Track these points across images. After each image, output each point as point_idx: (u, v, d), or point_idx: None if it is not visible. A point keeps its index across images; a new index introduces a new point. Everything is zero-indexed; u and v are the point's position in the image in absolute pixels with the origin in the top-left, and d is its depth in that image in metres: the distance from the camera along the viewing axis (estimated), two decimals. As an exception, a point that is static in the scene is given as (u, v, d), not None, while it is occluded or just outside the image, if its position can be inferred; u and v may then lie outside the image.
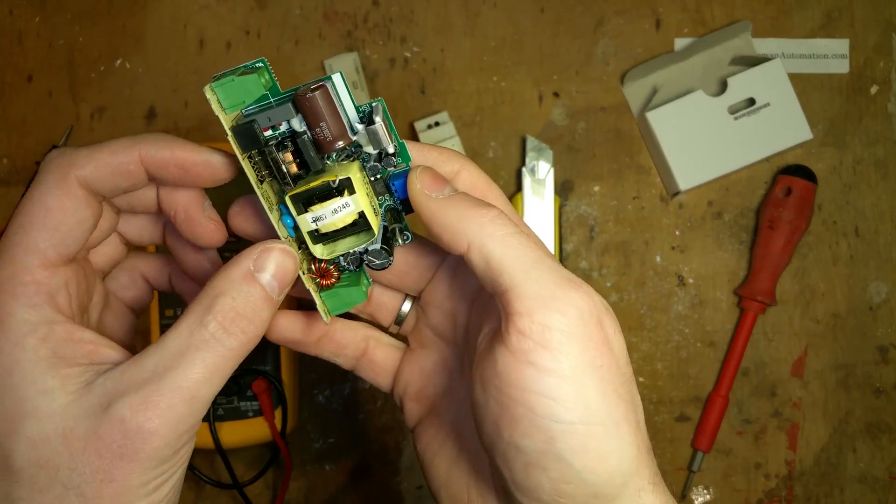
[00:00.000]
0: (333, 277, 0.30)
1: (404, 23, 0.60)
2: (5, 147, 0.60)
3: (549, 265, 0.27)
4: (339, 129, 0.28)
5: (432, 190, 0.28)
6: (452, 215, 0.27)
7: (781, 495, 0.58)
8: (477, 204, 0.28)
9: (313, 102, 0.27)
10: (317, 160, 0.28)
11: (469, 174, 0.31)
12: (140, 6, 0.60)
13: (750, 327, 0.57)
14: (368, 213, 0.28)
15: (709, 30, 0.60)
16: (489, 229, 0.27)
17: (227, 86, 0.27)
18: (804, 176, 0.57)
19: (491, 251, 0.26)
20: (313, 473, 0.59)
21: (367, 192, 0.29)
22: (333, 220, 0.27)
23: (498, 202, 0.31)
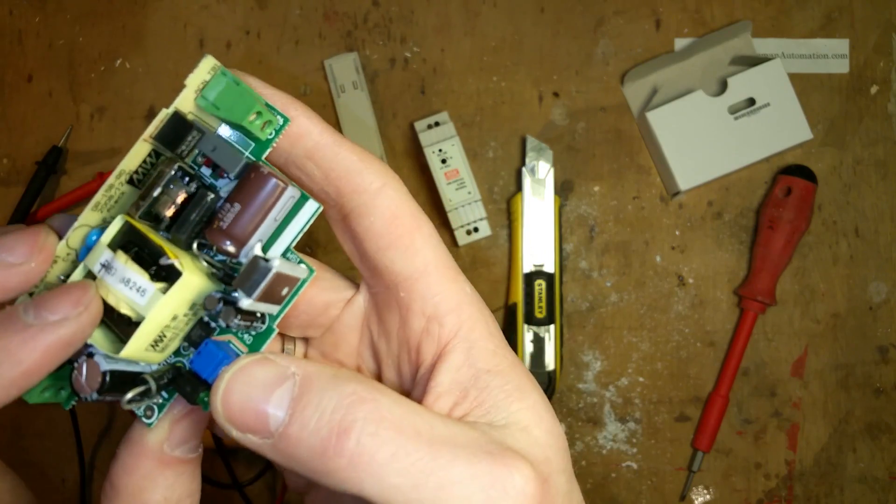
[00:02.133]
0: None
1: (404, 23, 0.60)
2: (5, 147, 0.60)
3: (462, 451, 0.20)
4: (246, 232, 0.21)
5: (244, 429, 0.20)
6: (295, 467, 0.20)
7: (781, 495, 0.58)
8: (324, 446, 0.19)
9: (261, 184, 0.20)
10: (189, 231, 0.21)
11: (390, 199, 0.24)
12: (140, 6, 0.60)
13: (750, 327, 0.57)
14: (148, 333, 0.20)
15: (709, 30, 0.60)
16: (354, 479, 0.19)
17: (229, 85, 0.21)
18: (804, 176, 0.57)
19: (379, 501, 0.19)
20: (313, 473, 0.58)
21: (181, 312, 0.21)
22: (117, 289, 0.20)
23: (426, 248, 0.24)
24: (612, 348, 0.58)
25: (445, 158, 0.56)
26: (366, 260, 0.25)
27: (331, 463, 0.19)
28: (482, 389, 0.23)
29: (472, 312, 0.24)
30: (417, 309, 0.24)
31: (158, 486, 0.21)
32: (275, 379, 0.20)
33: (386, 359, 0.26)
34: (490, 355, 0.24)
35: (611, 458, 0.58)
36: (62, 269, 0.21)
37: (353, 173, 0.23)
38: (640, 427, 0.58)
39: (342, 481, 0.19)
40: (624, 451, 0.58)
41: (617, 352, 0.58)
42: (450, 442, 0.20)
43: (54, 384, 0.22)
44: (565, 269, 0.59)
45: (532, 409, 0.23)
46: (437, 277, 0.24)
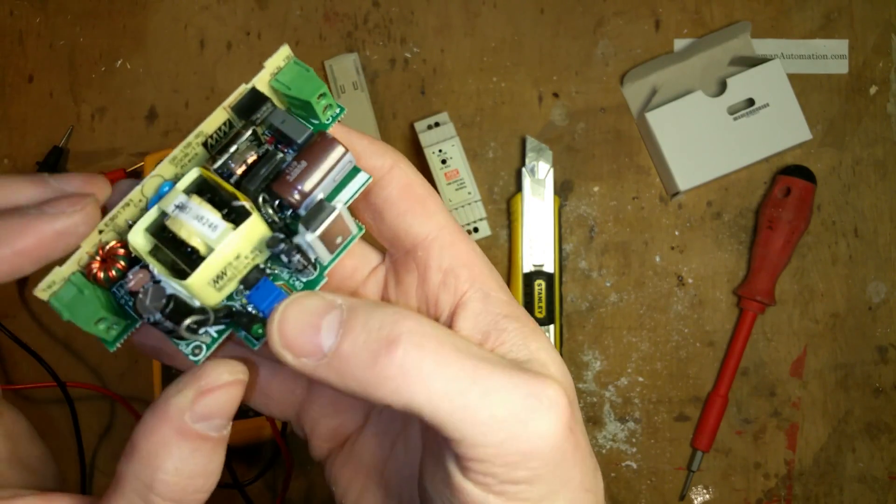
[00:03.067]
0: (117, 265, 0.23)
1: (404, 23, 0.60)
2: (6, 147, 0.60)
3: (500, 365, 0.22)
4: (312, 186, 0.23)
5: (299, 353, 0.21)
6: (349, 384, 0.21)
7: (781, 495, 0.58)
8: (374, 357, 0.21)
9: (326, 147, 0.23)
10: (258, 183, 0.23)
11: (403, 174, 0.26)
12: (141, 7, 0.60)
13: (749, 327, 0.57)
14: (215, 265, 0.22)
15: (708, 30, 0.60)
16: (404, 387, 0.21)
17: (300, 70, 0.24)
18: (803, 176, 0.57)
19: (421, 409, 0.21)
20: (314, 473, 0.59)
21: (244, 252, 0.22)
22: (191, 224, 0.22)
23: (439, 213, 0.27)
24: (611, 348, 0.58)
25: (445, 159, 0.57)
26: (385, 228, 0.27)
27: (382, 372, 0.21)
28: (501, 331, 0.25)
29: (483, 268, 0.26)
30: (434, 265, 0.26)
31: (172, 456, 0.21)
32: (324, 307, 0.21)
33: None
34: (504, 304, 0.26)
35: (610, 458, 0.58)
36: (132, 214, 0.23)
37: (366, 156, 0.26)
38: (640, 427, 0.58)
39: (392, 391, 0.21)
40: (623, 451, 0.58)
41: (616, 352, 0.58)
42: (487, 358, 0.22)
43: (109, 319, 0.23)
44: (565, 269, 0.59)
45: (546, 350, 0.25)
46: (450, 237, 0.26)
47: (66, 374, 0.56)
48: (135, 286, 0.22)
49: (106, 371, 0.59)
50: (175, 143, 0.63)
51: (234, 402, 0.22)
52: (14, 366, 0.59)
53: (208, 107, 0.60)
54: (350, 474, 0.30)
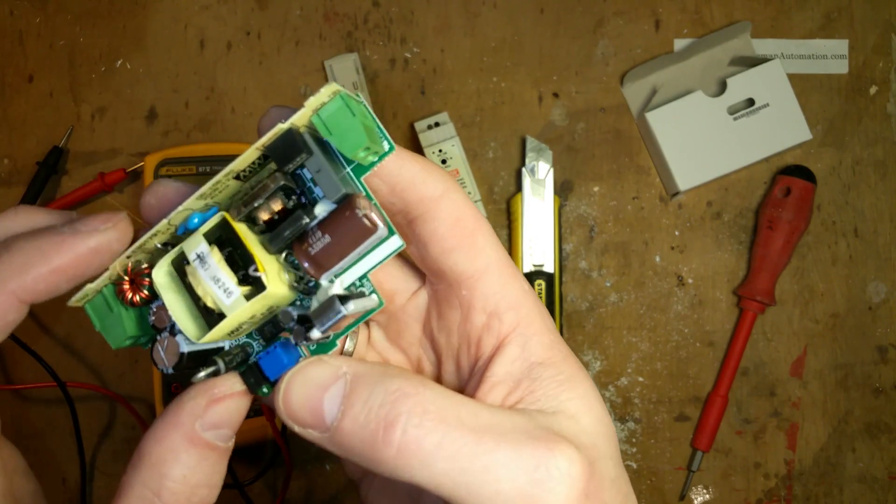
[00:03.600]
0: (141, 293, 0.24)
1: (404, 23, 0.60)
2: (6, 147, 0.60)
3: (507, 437, 0.21)
4: (327, 264, 0.22)
5: (303, 424, 0.22)
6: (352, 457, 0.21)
7: (781, 495, 0.58)
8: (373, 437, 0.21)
9: (353, 224, 0.22)
10: (281, 245, 0.22)
11: (453, 203, 0.25)
12: (141, 7, 0.60)
13: (749, 327, 0.57)
14: (227, 327, 0.22)
15: (708, 30, 0.60)
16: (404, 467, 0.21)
17: (345, 114, 0.22)
18: (803, 176, 0.57)
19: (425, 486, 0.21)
20: (314, 473, 0.59)
21: (259, 312, 0.23)
22: (207, 285, 0.22)
23: (487, 248, 0.25)
24: (611, 348, 0.58)
25: (445, 159, 0.57)
26: (430, 261, 0.26)
27: (380, 453, 0.21)
28: (534, 380, 0.24)
29: (530, 309, 0.25)
30: (479, 306, 0.25)
31: (180, 463, 0.21)
32: (329, 378, 0.22)
33: (446, 351, 0.27)
34: (545, 349, 0.25)
35: (610, 458, 0.58)
36: (162, 240, 0.23)
37: (416, 184, 0.25)
38: (640, 427, 0.58)
39: (393, 469, 0.21)
40: (623, 451, 0.58)
41: (616, 352, 0.58)
42: (494, 429, 0.21)
43: (137, 336, 0.24)
44: (565, 269, 0.59)
45: (581, 399, 0.24)
46: (498, 276, 0.25)
47: (66, 374, 0.56)
48: (157, 322, 0.23)
49: (106, 371, 0.59)
50: (175, 143, 0.63)
51: (242, 413, 0.22)
52: (14, 366, 0.59)
53: (208, 107, 0.60)
54: (385, 501, 0.29)
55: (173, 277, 0.23)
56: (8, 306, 0.22)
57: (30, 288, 0.21)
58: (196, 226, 0.22)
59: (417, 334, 0.29)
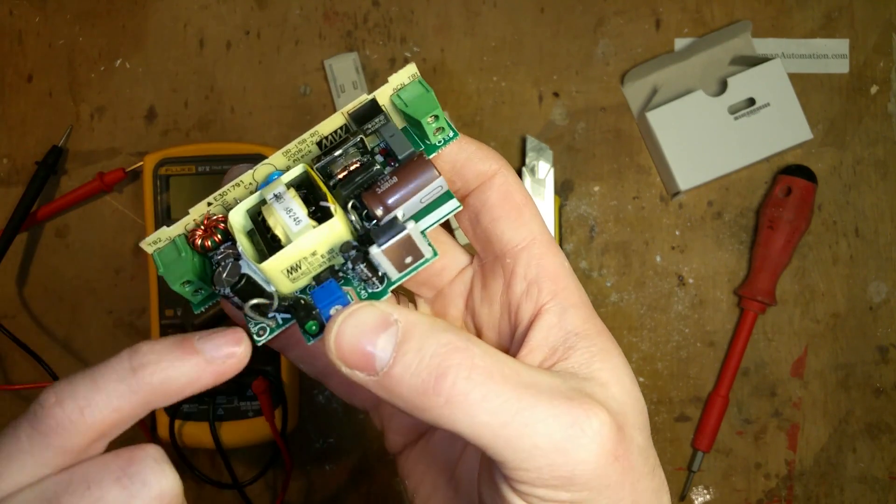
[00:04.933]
0: (214, 237, 0.25)
1: (404, 23, 0.60)
2: (5, 147, 0.60)
3: (545, 395, 0.23)
4: (394, 202, 0.24)
5: (352, 366, 0.22)
6: (397, 402, 0.23)
7: (781, 495, 0.58)
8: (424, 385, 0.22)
9: (420, 168, 0.24)
10: (352, 189, 0.24)
11: (505, 181, 0.27)
12: (140, 6, 0.60)
13: (750, 327, 0.57)
14: (290, 256, 0.23)
15: (709, 30, 0.60)
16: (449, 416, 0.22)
17: (421, 91, 0.25)
18: (804, 176, 0.57)
19: (467, 436, 0.22)
20: (313, 473, 0.59)
21: (321, 251, 0.24)
22: (279, 214, 0.23)
23: (533, 223, 0.27)
24: (612, 348, 0.58)
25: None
26: (480, 231, 0.28)
27: (430, 401, 0.22)
28: (569, 348, 0.25)
29: (569, 282, 0.27)
30: (520, 273, 0.27)
31: None
32: (381, 323, 0.22)
33: (487, 322, 0.29)
34: (581, 320, 0.26)
35: (611, 458, 0.58)
36: (241, 194, 0.25)
37: (473, 161, 0.27)
38: (640, 427, 0.58)
39: (438, 417, 0.22)
40: (624, 451, 0.58)
41: (617, 352, 0.58)
42: (534, 386, 0.22)
43: (196, 284, 0.25)
44: (565, 269, 0.59)
45: (612, 370, 0.25)
46: (541, 248, 0.27)
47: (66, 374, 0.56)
48: (222, 257, 0.24)
49: (105, 371, 0.58)
50: (175, 143, 0.63)
51: None
52: (13, 366, 0.59)
53: (208, 106, 0.60)
54: (422, 471, 0.31)
55: (247, 226, 0.24)
56: (137, 410, 0.23)
57: (155, 400, 0.23)
58: (275, 177, 0.24)
59: (461, 309, 0.30)
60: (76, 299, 0.59)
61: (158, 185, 0.54)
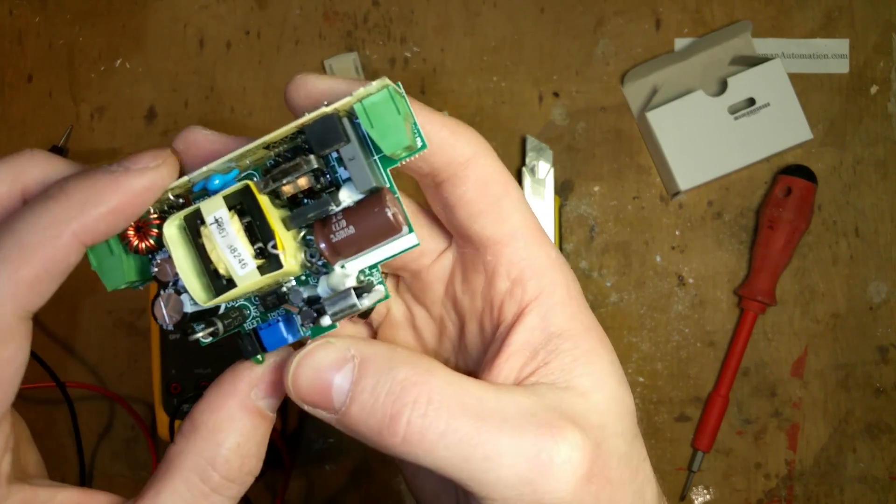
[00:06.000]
0: (147, 242, 0.23)
1: (404, 23, 0.60)
2: (5, 147, 0.60)
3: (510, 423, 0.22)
4: (346, 253, 0.22)
5: (311, 404, 0.22)
6: (360, 438, 0.22)
7: (781, 495, 0.58)
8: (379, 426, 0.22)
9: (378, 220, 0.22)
10: (301, 222, 0.23)
11: (481, 168, 0.25)
12: (140, 6, 0.60)
13: (750, 327, 0.57)
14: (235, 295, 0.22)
15: (709, 30, 0.60)
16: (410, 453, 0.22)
17: (390, 110, 0.21)
18: (804, 176, 0.57)
19: (431, 468, 0.22)
20: (313, 474, 0.58)
21: (267, 284, 0.23)
22: (222, 252, 0.22)
23: (515, 214, 0.25)
24: (612, 348, 0.58)
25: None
26: (456, 225, 0.26)
27: (386, 441, 0.22)
28: (551, 352, 0.24)
29: (556, 277, 0.25)
30: (503, 272, 0.25)
31: (235, 430, 0.21)
32: (337, 361, 0.22)
33: (469, 313, 0.28)
34: (566, 319, 0.25)
35: (611, 458, 0.58)
36: (177, 192, 0.23)
37: (444, 147, 0.24)
38: (640, 427, 0.58)
39: (400, 454, 0.22)
40: (624, 451, 0.58)
41: (617, 352, 0.58)
42: (498, 415, 0.22)
43: (137, 282, 0.24)
44: (565, 269, 0.59)
45: (596, 374, 0.24)
46: (524, 243, 0.25)
47: (66, 374, 0.56)
48: (160, 275, 0.23)
49: (105, 371, 0.58)
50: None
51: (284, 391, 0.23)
52: (13, 366, 0.59)
53: (208, 106, 0.60)
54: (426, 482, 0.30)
55: (184, 234, 0.23)
56: (70, 248, 0.22)
57: (90, 228, 0.22)
58: (216, 188, 0.22)
59: (440, 294, 0.29)
60: (76, 299, 0.59)
61: (158, 185, 0.54)
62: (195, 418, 0.22)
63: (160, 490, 0.21)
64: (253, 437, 0.22)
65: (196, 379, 0.53)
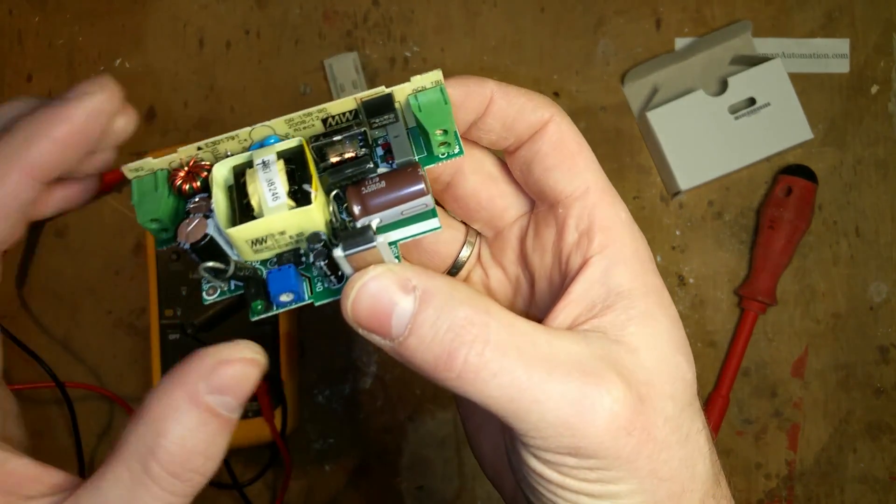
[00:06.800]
0: (193, 183, 0.24)
1: (404, 22, 0.60)
2: (5, 147, 0.60)
3: (559, 369, 0.23)
4: (375, 206, 0.24)
5: (368, 329, 0.23)
6: (412, 366, 0.23)
7: (782, 495, 0.58)
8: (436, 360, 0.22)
9: (410, 180, 0.24)
10: (339, 179, 0.24)
11: (557, 127, 0.27)
12: (140, 6, 0.60)
13: (750, 327, 0.57)
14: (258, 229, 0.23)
15: (709, 29, 0.60)
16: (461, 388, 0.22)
17: (439, 100, 0.24)
18: (804, 176, 0.57)
19: (478, 403, 0.23)
20: (313, 474, 0.58)
21: (290, 231, 0.23)
22: (260, 184, 0.23)
23: (587, 172, 0.27)
24: (612, 348, 0.58)
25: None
26: (532, 182, 0.28)
27: (441, 374, 0.22)
28: (607, 307, 0.25)
29: (622, 235, 0.26)
30: (572, 224, 0.26)
31: (179, 423, 0.21)
32: (399, 289, 0.22)
33: (539, 271, 0.29)
34: (628, 277, 0.26)
35: (611, 459, 0.58)
36: (233, 148, 0.24)
37: (524, 112, 0.26)
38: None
39: (451, 387, 0.22)
40: (624, 452, 0.58)
41: (617, 352, 0.58)
42: (548, 361, 0.23)
43: (164, 223, 0.24)
44: (565, 268, 0.59)
45: (649, 336, 0.25)
46: (595, 199, 0.27)
47: (65, 374, 0.56)
48: (194, 208, 0.24)
49: (104, 371, 0.58)
50: (174, 142, 0.63)
51: (248, 384, 0.22)
52: (12, 366, 0.59)
53: (207, 106, 0.60)
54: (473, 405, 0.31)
55: (230, 177, 0.24)
56: (21, 184, 0.22)
57: (37, 163, 0.22)
58: (271, 143, 0.24)
59: (517, 252, 0.30)
60: (76, 299, 0.59)
61: (158, 184, 0.54)
62: (144, 404, 0.21)
63: (104, 473, 0.21)
64: (200, 434, 0.21)
65: (196, 379, 0.53)
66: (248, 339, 0.23)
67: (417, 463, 0.59)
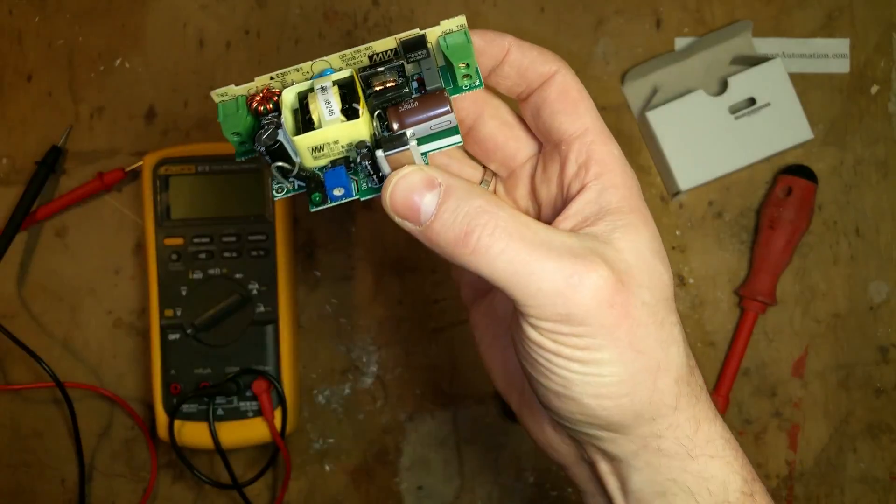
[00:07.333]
0: (266, 105, 0.30)
1: (404, 22, 0.60)
2: (5, 147, 0.60)
3: (555, 252, 0.28)
4: (409, 121, 0.29)
5: (402, 216, 0.29)
6: (436, 249, 0.28)
7: (782, 496, 0.58)
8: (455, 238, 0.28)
9: (437, 101, 0.29)
10: (382, 101, 0.29)
11: (563, 78, 0.32)
12: (140, 5, 0.60)
13: (750, 327, 0.57)
14: (317, 138, 0.29)
15: (709, 29, 0.60)
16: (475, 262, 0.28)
17: (463, 41, 0.30)
18: (805, 176, 0.57)
19: (488, 278, 0.28)
20: (313, 474, 0.58)
21: (343, 141, 0.29)
22: (319, 103, 0.29)
23: (587, 116, 0.32)
24: (612, 348, 0.58)
25: (445, 158, 0.57)
26: (541, 123, 0.33)
27: (460, 250, 0.28)
28: (598, 219, 0.30)
29: (615, 167, 0.31)
30: (573, 158, 0.32)
31: None
32: (427, 184, 0.28)
33: (546, 201, 0.34)
34: (616, 199, 0.30)
35: (611, 459, 0.58)
36: (298, 78, 0.30)
37: (536, 63, 0.31)
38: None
39: (467, 263, 0.28)
40: (624, 452, 0.58)
41: (617, 352, 0.58)
42: (546, 244, 0.28)
43: (243, 136, 0.30)
44: (565, 268, 0.59)
45: (633, 243, 0.29)
46: (592, 137, 0.31)
47: (65, 374, 0.56)
48: (267, 124, 0.29)
49: (105, 371, 0.58)
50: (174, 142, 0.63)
51: None
52: (13, 366, 0.59)
53: (207, 106, 0.60)
54: (486, 323, 0.38)
55: (296, 100, 0.30)
56: None
57: None
58: (328, 73, 0.30)
59: (528, 187, 0.35)
60: (75, 299, 0.59)
61: (158, 184, 0.54)
62: None
63: None
64: None
65: (196, 379, 0.53)
66: (249, 338, 0.25)
67: (417, 463, 0.59)
